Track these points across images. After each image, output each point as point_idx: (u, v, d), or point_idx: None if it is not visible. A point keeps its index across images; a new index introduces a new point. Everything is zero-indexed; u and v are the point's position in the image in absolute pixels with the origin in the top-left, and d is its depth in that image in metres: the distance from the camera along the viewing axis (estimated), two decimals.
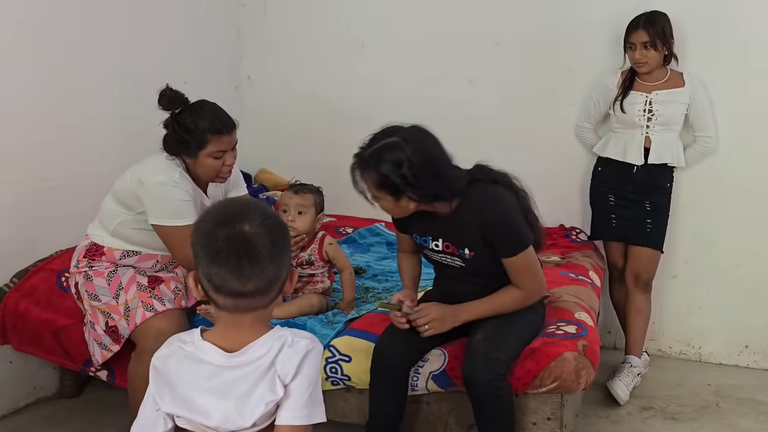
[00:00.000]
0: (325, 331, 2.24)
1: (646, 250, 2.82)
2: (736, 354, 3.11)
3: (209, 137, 2.13)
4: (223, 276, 1.19)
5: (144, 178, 2.16)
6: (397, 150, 1.81)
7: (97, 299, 2.23)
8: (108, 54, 2.88)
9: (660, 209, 2.83)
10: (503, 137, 3.32)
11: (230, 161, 2.21)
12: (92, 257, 2.26)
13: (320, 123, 3.64)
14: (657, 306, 3.14)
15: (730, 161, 2.96)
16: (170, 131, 2.16)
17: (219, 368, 1.24)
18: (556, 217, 3.28)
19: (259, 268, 1.20)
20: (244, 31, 3.68)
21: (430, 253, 2.08)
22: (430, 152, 1.87)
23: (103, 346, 2.24)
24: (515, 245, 1.94)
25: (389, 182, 1.83)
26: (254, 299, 1.23)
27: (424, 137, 1.88)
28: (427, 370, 2.09)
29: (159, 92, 2.13)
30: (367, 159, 1.85)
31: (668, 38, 2.73)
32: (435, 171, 1.86)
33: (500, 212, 1.92)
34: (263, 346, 1.24)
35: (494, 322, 1.99)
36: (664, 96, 2.77)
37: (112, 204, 2.25)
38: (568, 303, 2.31)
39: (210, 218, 1.24)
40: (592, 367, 2.01)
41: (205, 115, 2.14)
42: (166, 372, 1.26)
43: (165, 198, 2.12)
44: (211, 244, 1.20)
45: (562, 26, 3.17)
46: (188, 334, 1.30)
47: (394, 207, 1.91)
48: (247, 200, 1.30)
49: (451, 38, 3.34)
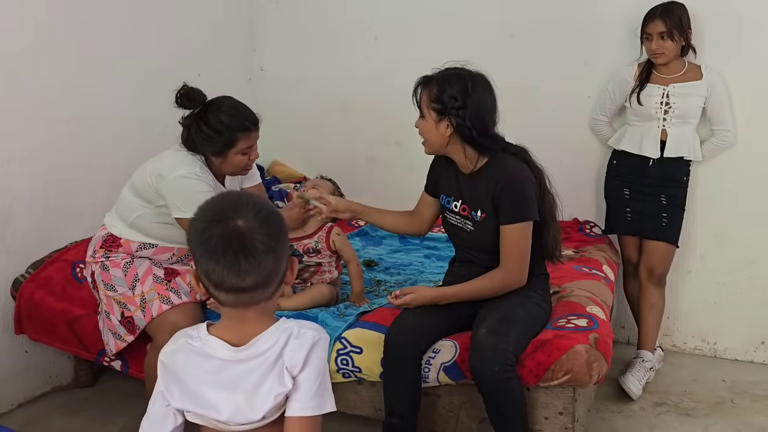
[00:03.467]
0: (337, 323, 2.24)
1: (660, 244, 2.79)
2: (752, 350, 3.07)
3: (239, 135, 2.14)
4: (222, 273, 1.19)
5: (164, 172, 2.16)
6: (462, 79, 2.01)
7: (113, 289, 2.24)
8: (122, 48, 2.90)
9: (676, 203, 2.79)
10: (517, 130, 3.23)
11: (255, 155, 2.23)
12: (109, 248, 2.28)
13: (333, 115, 3.64)
14: (672, 301, 3.12)
15: (748, 156, 2.92)
16: (195, 130, 2.14)
17: (227, 362, 1.24)
18: (570, 211, 3.24)
19: (256, 262, 1.19)
20: (257, 23, 3.68)
21: (449, 215, 2.17)
22: (486, 97, 2.03)
23: (117, 336, 2.25)
24: (516, 213, 2.02)
25: (441, 99, 2.00)
26: (255, 293, 1.22)
27: (488, 85, 2.05)
28: (439, 362, 2.08)
29: (176, 91, 2.12)
30: (432, 77, 2.04)
31: (686, 29, 2.70)
32: (481, 114, 2.01)
33: (515, 179, 2.02)
34: (270, 339, 1.24)
35: (495, 316, 2.01)
36: (681, 89, 2.73)
37: (130, 196, 2.25)
38: (580, 297, 2.29)
39: (203, 216, 1.23)
40: (605, 360, 1.99)
41: (232, 112, 2.14)
42: (175, 367, 1.26)
43: (187, 191, 2.12)
44: (207, 242, 1.19)
45: (578, 18, 3.14)
46: (194, 329, 1.30)
47: (432, 129, 2.04)
48: (239, 194, 1.28)
49: (465, 30, 3.32)
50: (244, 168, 2.24)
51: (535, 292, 2.13)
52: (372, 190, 3.62)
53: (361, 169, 3.63)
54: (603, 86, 3.03)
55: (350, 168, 3.65)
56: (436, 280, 2.59)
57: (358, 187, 3.65)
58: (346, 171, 3.67)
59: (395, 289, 2.60)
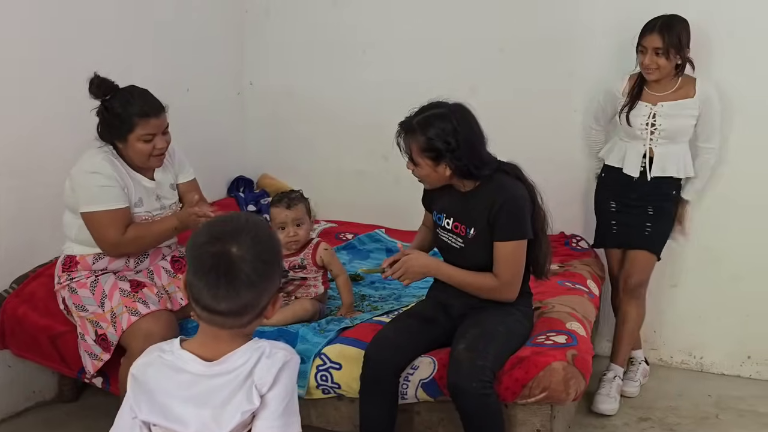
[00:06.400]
0: (317, 339, 2.24)
1: (640, 252, 2.74)
2: (738, 364, 3.07)
3: (137, 121, 2.18)
4: (200, 290, 1.22)
5: (72, 171, 2.24)
6: (445, 119, 1.97)
7: (84, 309, 2.26)
8: (109, 61, 2.87)
9: (663, 216, 2.73)
10: (504, 143, 3.25)
11: (161, 145, 2.25)
12: (69, 269, 2.31)
13: (322, 128, 3.66)
14: (658, 315, 3.12)
15: (738, 172, 2.90)
16: (100, 118, 2.22)
17: (198, 377, 1.26)
18: (557, 225, 3.17)
19: (234, 291, 1.21)
20: (247, 37, 3.70)
21: (440, 231, 2.17)
22: (473, 128, 2.02)
23: (93, 356, 2.26)
24: (512, 231, 2.02)
25: (433, 147, 1.97)
26: (227, 319, 1.24)
27: (469, 114, 2.04)
28: (417, 378, 2.09)
29: (88, 80, 2.19)
30: (415, 125, 2.00)
31: (683, 47, 2.58)
32: (474, 146, 2.01)
33: (512, 197, 2.03)
34: (242, 356, 1.26)
35: (475, 332, 2.01)
36: (669, 108, 2.65)
37: (66, 213, 2.32)
38: (561, 313, 2.30)
39: (206, 232, 1.27)
40: (582, 377, 1.99)
41: (133, 99, 2.19)
42: (146, 381, 1.28)
43: (85, 185, 2.20)
44: (199, 257, 1.24)
45: (565, 33, 3.14)
46: (168, 343, 1.32)
47: (432, 172, 2.03)
48: (248, 220, 1.29)
49: (453, 44, 3.33)
50: (150, 156, 2.25)
51: (518, 310, 2.13)
52: (360, 204, 3.64)
53: (350, 182, 3.64)
54: (592, 99, 3.02)
55: (339, 181, 3.67)
56: (420, 295, 2.59)
57: (347, 200, 3.68)
58: (334, 184, 3.70)
59: (379, 305, 2.63)
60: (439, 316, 2.18)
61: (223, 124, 3.66)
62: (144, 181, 2.32)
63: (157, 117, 2.22)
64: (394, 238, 3.39)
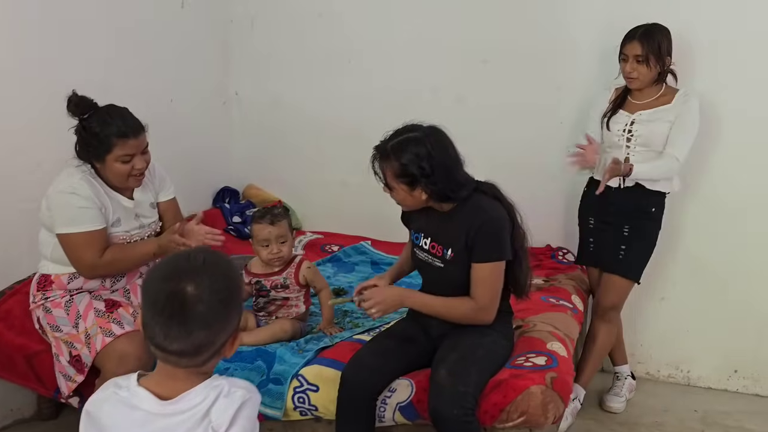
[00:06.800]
0: (295, 359, 2.21)
1: (613, 277, 2.69)
2: (725, 378, 3.05)
3: (115, 141, 2.14)
4: (153, 329, 1.20)
5: (49, 191, 2.20)
6: (420, 144, 1.95)
7: (59, 330, 2.23)
8: (90, 71, 2.84)
9: (641, 236, 2.67)
10: (491, 155, 3.24)
11: (139, 165, 2.20)
12: (44, 288, 2.27)
13: (308, 138, 3.63)
14: (645, 328, 3.11)
15: (723, 184, 2.89)
16: (78, 137, 2.18)
17: (153, 415, 1.22)
18: (543, 237, 3.24)
19: (186, 332, 1.19)
20: (232, 46, 3.67)
21: (418, 251, 2.15)
22: (448, 151, 1.99)
23: (67, 378, 2.23)
24: (490, 253, 1.99)
25: (408, 172, 1.95)
26: (180, 359, 1.22)
27: (443, 137, 2.01)
28: (394, 401, 2.06)
29: (66, 98, 2.14)
30: (389, 150, 1.98)
31: (664, 56, 2.57)
32: (450, 169, 1.98)
33: (491, 218, 2.00)
34: (198, 395, 1.23)
35: (454, 357, 1.98)
36: (648, 116, 2.62)
37: (42, 231, 2.28)
38: (542, 333, 2.27)
39: (163, 268, 1.24)
40: (561, 401, 1.97)
41: (112, 120, 2.15)
42: (99, 417, 1.25)
43: (62, 206, 2.15)
44: (153, 295, 1.21)
45: (551, 43, 3.12)
46: (125, 378, 1.29)
47: (408, 197, 2.01)
48: (207, 259, 1.25)
49: (439, 55, 3.31)
50: (129, 176, 2.21)
51: (495, 330, 2.10)
52: (346, 215, 3.61)
53: (336, 193, 3.62)
54: (578, 111, 2.99)
55: (324, 192, 3.65)
56: (402, 311, 2.56)
57: (333, 211, 3.65)
58: (320, 195, 3.67)
59: (360, 321, 2.60)
60: (418, 337, 2.16)
61: (208, 134, 3.63)
62: (123, 200, 2.29)
63: (136, 137, 2.17)
64: (380, 250, 3.37)
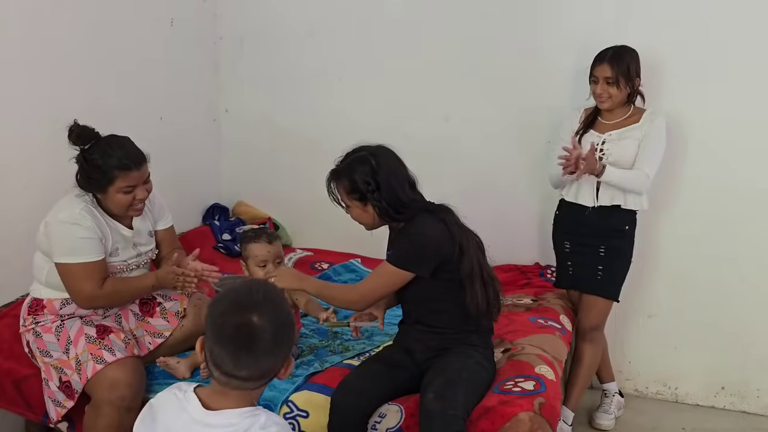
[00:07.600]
0: (285, 385, 2.21)
1: (593, 298, 2.71)
2: (712, 395, 3.07)
3: (117, 173, 2.14)
4: (223, 357, 1.29)
5: (48, 218, 2.20)
6: (365, 162, 2.08)
7: (49, 355, 2.22)
8: (80, 89, 2.84)
9: (616, 255, 2.68)
10: (479, 173, 3.31)
11: (141, 195, 2.21)
12: (35, 312, 2.27)
13: (298, 156, 3.63)
14: (633, 345, 3.14)
15: (707, 200, 2.93)
16: (79, 168, 2.18)
17: (194, 421, 1.31)
18: (531, 255, 3.27)
19: (255, 360, 1.29)
20: (222, 64, 3.68)
21: None
22: (393, 169, 2.11)
23: (57, 403, 2.22)
24: (396, 256, 2.10)
25: (356, 188, 2.09)
26: (245, 383, 1.32)
27: (388, 155, 2.13)
28: (384, 427, 2.07)
29: (67, 128, 2.14)
30: (339, 169, 2.14)
31: (633, 77, 2.61)
32: (394, 188, 2.08)
33: (417, 234, 2.08)
34: (236, 417, 1.31)
35: (440, 381, 2.01)
36: (618, 135, 2.64)
37: (37, 254, 2.28)
38: (530, 356, 2.28)
39: (227, 300, 1.34)
40: (549, 427, 1.98)
41: (113, 151, 2.14)
42: (157, 411, 1.37)
43: (63, 236, 2.15)
44: (221, 327, 1.30)
45: (538, 63, 3.13)
46: (187, 383, 1.40)
47: (363, 213, 2.14)
48: (265, 289, 1.36)
49: (427, 74, 3.33)
50: (130, 207, 2.21)
51: (477, 351, 2.14)
52: (336, 232, 3.60)
53: (326, 210, 3.58)
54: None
55: (314, 209, 3.63)
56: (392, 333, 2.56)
57: (323, 228, 3.65)
58: (310, 212, 3.67)
59: (351, 344, 2.60)
60: (404, 362, 2.18)
61: (198, 152, 3.63)
62: (122, 229, 2.28)
63: (138, 169, 2.17)
64: (370, 268, 3.36)
